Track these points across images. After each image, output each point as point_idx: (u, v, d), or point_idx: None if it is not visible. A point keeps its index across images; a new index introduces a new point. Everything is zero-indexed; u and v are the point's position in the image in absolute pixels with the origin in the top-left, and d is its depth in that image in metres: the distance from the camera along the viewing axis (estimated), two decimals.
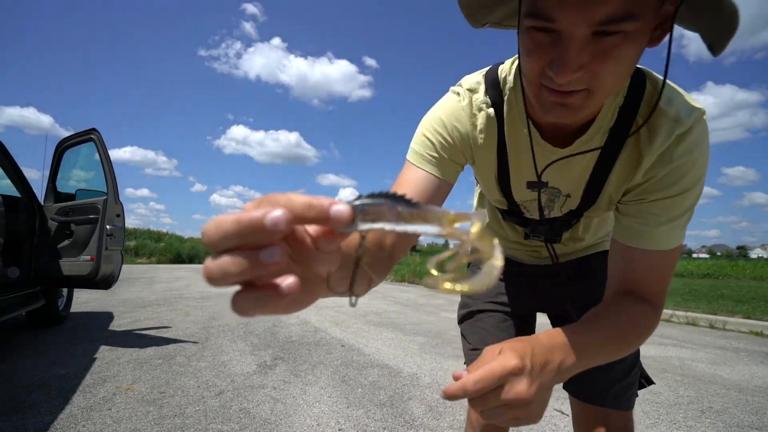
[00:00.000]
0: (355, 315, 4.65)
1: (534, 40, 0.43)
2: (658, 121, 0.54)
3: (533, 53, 0.44)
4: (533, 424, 0.44)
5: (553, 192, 0.66)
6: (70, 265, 3.08)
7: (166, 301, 5.24)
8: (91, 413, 1.82)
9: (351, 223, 0.23)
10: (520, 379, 0.42)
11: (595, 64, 0.41)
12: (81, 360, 2.60)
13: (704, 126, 0.54)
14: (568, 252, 0.84)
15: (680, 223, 0.56)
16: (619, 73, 0.42)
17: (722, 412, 2.15)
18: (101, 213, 3.06)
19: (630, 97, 0.55)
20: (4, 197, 2.92)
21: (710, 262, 16.70)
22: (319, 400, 2.10)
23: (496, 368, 0.42)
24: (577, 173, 0.62)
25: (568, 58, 0.40)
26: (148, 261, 15.15)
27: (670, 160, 0.53)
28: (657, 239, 0.56)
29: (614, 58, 0.40)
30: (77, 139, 3.39)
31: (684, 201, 0.55)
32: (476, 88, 0.64)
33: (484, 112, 0.63)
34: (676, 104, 0.53)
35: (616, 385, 0.76)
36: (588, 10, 0.37)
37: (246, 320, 4.12)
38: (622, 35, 0.39)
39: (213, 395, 2.10)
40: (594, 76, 0.42)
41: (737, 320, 4.81)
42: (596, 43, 0.40)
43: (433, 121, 0.64)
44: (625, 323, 0.55)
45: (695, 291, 7.85)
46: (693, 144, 0.53)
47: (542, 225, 0.72)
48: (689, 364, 3.06)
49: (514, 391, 0.42)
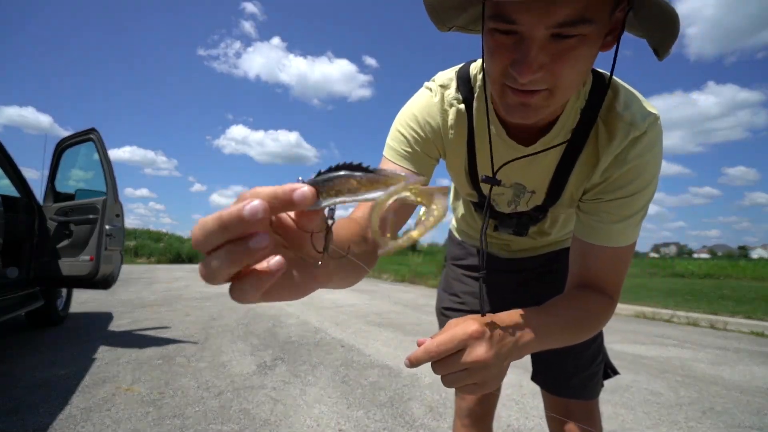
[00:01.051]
0: (355, 315, 4.64)
1: (497, 41, 0.45)
2: (615, 124, 0.57)
3: (496, 54, 0.46)
4: (490, 390, 0.48)
5: (518, 188, 0.70)
6: (69, 265, 3.07)
7: (165, 302, 5.23)
8: (91, 414, 1.82)
9: (317, 200, 0.25)
10: (480, 343, 0.46)
11: (554, 64, 0.43)
12: (80, 360, 2.59)
13: (658, 130, 0.57)
14: (536, 246, 0.89)
15: (633, 221, 0.60)
16: (576, 74, 0.45)
17: (723, 412, 2.14)
18: (100, 213, 3.05)
19: (591, 100, 0.59)
20: (3, 197, 2.91)
21: (711, 263, 16.70)
22: (319, 401, 2.09)
23: (458, 332, 0.46)
24: (541, 170, 0.65)
25: (529, 58, 0.43)
26: (147, 261, 15.14)
27: (625, 162, 0.57)
28: (612, 236, 0.60)
29: (572, 59, 0.43)
30: (77, 139, 3.39)
31: (637, 201, 0.58)
32: (448, 84, 0.66)
33: (455, 107, 0.65)
34: (632, 109, 0.57)
35: (579, 374, 0.82)
36: (547, 14, 0.40)
37: (246, 320, 4.12)
38: (579, 38, 0.42)
39: (213, 396, 2.10)
40: (553, 75, 0.44)
41: (738, 320, 4.80)
42: (555, 45, 0.43)
43: (407, 117, 0.67)
44: (582, 311, 0.59)
45: (696, 291, 7.85)
46: (646, 147, 0.56)
47: (510, 218, 0.76)
48: (690, 365, 3.05)
49: (474, 354, 0.45)
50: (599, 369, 0.85)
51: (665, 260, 20.50)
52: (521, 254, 0.92)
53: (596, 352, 0.84)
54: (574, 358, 0.83)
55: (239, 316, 4.34)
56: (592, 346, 0.84)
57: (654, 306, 5.80)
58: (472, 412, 0.93)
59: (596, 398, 0.85)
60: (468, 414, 0.93)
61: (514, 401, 2.20)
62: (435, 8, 0.49)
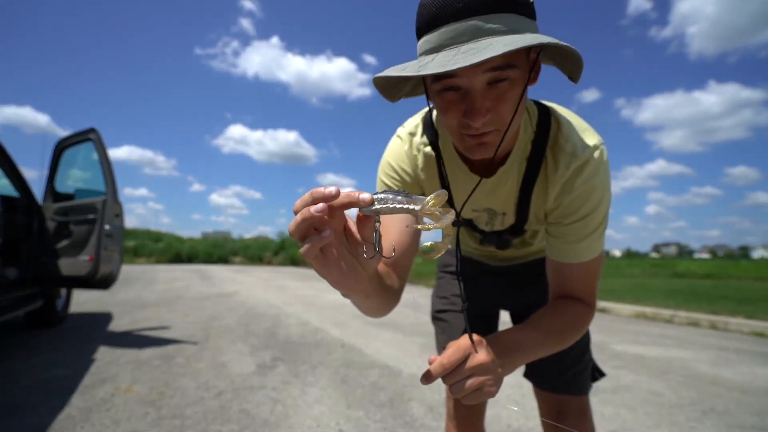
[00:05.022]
0: (355, 315, 4.64)
1: (446, 99, 0.54)
2: (558, 155, 0.66)
3: (449, 110, 0.54)
4: (490, 396, 0.56)
5: (490, 211, 0.79)
6: (68, 265, 3.07)
7: (165, 302, 5.23)
8: (90, 414, 1.81)
9: (371, 205, 0.37)
10: (481, 350, 0.56)
11: (497, 106, 0.52)
12: (79, 361, 2.59)
13: (600, 157, 0.65)
14: (521, 255, 0.96)
15: (594, 237, 0.67)
16: (514, 110, 0.54)
17: (724, 413, 2.13)
18: (100, 213, 3.05)
19: (540, 131, 0.68)
20: (3, 197, 2.91)
21: (712, 263, 16.69)
22: (319, 401, 2.09)
23: (462, 344, 0.56)
24: (505, 195, 0.74)
25: (477, 105, 0.51)
26: (147, 261, 15.14)
27: (572, 189, 0.65)
28: (578, 253, 0.69)
29: (508, 99, 0.52)
30: (76, 139, 3.39)
31: (591, 222, 0.66)
32: (415, 131, 0.75)
33: (422, 152, 0.74)
34: (572, 141, 0.65)
35: (567, 371, 0.88)
36: (481, 66, 0.49)
37: (246, 321, 4.11)
38: (509, 81, 0.51)
39: (212, 396, 2.09)
40: (498, 114, 0.53)
41: (739, 321, 4.79)
42: (492, 91, 0.52)
43: (385, 167, 0.77)
44: (563, 322, 0.68)
45: (697, 291, 7.84)
46: (590, 174, 0.64)
47: (492, 235, 0.85)
48: (691, 365, 3.04)
49: (476, 359, 0.55)
50: (588, 365, 0.92)
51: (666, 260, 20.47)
52: (508, 262, 0.99)
53: (584, 347, 0.91)
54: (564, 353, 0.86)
55: (239, 316, 4.34)
56: (580, 342, 0.88)
57: (655, 306, 5.79)
58: (462, 416, 0.97)
59: (587, 395, 0.91)
60: (458, 416, 0.97)
61: (514, 401, 2.19)
62: (384, 87, 0.59)
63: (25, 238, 3.12)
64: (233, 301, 5.48)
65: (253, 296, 6.11)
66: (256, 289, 7.08)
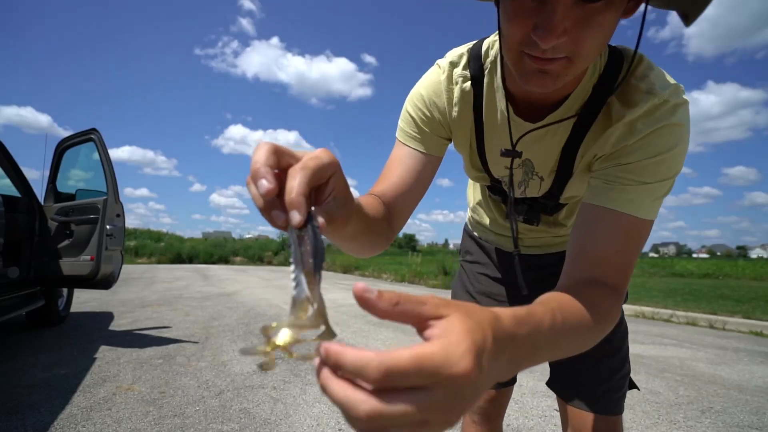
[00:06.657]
0: (355, 315, 4.65)
1: (518, 4, 0.43)
2: (631, 94, 0.54)
3: (517, 18, 0.43)
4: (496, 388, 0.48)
5: (527, 166, 0.67)
6: (70, 265, 3.08)
7: (166, 301, 5.24)
8: (91, 413, 1.82)
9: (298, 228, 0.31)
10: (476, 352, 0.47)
11: (578, 30, 0.41)
12: (81, 360, 2.60)
13: (681, 100, 0.52)
14: (549, 243, 0.86)
15: (650, 188, 0.52)
16: (599, 41, 0.43)
17: (722, 412, 2.15)
18: (101, 213, 3.06)
19: (605, 75, 0.56)
20: (4, 197, 2.91)
21: (710, 262, 16.70)
22: (319, 400, 2.10)
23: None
24: (550, 146, 0.62)
25: (554, 22, 0.40)
26: (148, 261, 15.14)
27: (640, 130, 0.52)
28: (625, 200, 0.52)
29: (596, 25, 0.41)
30: (77, 139, 3.39)
31: (656, 167, 0.52)
32: (458, 62, 0.65)
33: (459, 85, 0.64)
34: (649, 79, 0.53)
35: (601, 386, 0.73)
36: None
37: (246, 320, 4.12)
38: (605, 1, 0.40)
39: (213, 395, 2.10)
40: (575, 42, 0.42)
41: (737, 320, 4.81)
42: (580, 9, 0.40)
43: (414, 97, 0.66)
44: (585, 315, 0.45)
45: (695, 291, 7.85)
46: (664, 115, 0.51)
47: (522, 204, 0.73)
48: (689, 364, 3.06)
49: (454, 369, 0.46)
50: (623, 383, 0.75)
51: (664, 260, 20.49)
52: (534, 251, 0.88)
53: (624, 355, 0.75)
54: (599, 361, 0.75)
55: (239, 316, 4.35)
56: (619, 346, 0.76)
57: (653, 306, 5.80)
58: (484, 410, 0.92)
59: (620, 414, 0.75)
60: (479, 411, 0.93)
61: (514, 401, 2.20)
62: None
63: (27, 238, 3.13)
64: (234, 301, 5.49)
65: (253, 296, 6.12)
66: (256, 289, 7.09)
